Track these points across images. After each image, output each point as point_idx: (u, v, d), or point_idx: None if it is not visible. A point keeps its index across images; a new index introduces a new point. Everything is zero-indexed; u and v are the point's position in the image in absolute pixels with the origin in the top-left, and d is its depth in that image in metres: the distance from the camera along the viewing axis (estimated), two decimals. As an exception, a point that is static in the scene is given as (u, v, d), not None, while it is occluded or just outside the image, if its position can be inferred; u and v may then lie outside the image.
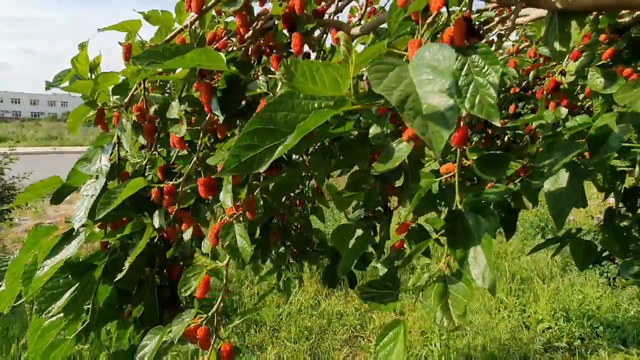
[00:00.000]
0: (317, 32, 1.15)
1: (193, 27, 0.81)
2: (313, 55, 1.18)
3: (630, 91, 0.96)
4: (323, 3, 1.11)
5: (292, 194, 1.85)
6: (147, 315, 1.12)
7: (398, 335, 0.63)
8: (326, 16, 1.08)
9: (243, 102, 0.88)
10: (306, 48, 1.07)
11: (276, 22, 0.84)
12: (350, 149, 1.12)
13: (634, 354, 3.19)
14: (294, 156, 1.64)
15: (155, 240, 1.10)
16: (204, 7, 0.79)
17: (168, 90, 1.14)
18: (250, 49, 0.94)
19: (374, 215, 1.12)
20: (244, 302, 3.67)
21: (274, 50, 0.95)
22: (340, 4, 0.97)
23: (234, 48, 0.90)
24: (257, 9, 1.01)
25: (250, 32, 0.89)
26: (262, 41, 0.85)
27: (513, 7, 0.75)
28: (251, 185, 0.73)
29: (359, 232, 0.95)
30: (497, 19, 1.45)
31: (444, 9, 0.67)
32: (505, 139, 1.90)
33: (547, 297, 3.90)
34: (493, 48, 1.96)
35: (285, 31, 0.90)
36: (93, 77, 0.92)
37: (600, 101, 1.11)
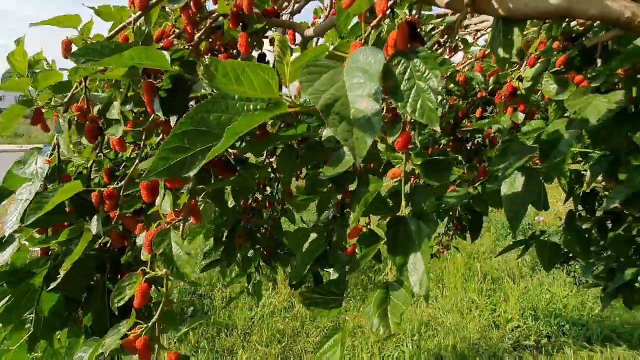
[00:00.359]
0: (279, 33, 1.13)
1: (138, 24, 0.78)
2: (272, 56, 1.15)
3: (580, 98, 0.98)
4: (284, 2, 1.09)
5: (260, 196, 1.83)
6: (97, 324, 1.08)
7: (338, 342, 0.62)
8: (285, 17, 1.07)
9: (193, 103, 0.85)
10: (266, 47, 1.05)
11: (228, 20, 0.82)
12: (315, 150, 1.10)
13: (598, 351, 3.30)
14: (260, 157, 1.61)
15: (108, 245, 1.06)
16: (149, 3, 0.76)
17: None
18: (203, 47, 0.91)
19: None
20: (215, 305, 3.60)
21: (230, 50, 0.93)
22: (296, 6, 0.96)
23: (186, 46, 0.87)
24: (212, 6, 0.99)
25: (203, 30, 0.86)
26: (211, 40, 0.83)
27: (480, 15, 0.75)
28: (193, 189, 0.70)
29: (313, 235, 0.93)
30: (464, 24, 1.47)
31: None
32: (476, 142, 1.93)
33: (516, 296, 3.99)
34: (461, 53, 1.98)
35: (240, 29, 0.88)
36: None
37: (553, 107, 1.13)
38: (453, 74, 1.89)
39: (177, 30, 0.83)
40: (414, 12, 0.76)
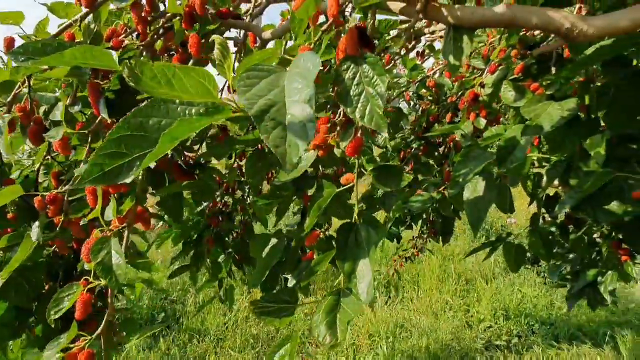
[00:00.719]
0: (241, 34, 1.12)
1: (86, 22, 0.75)
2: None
3: (536, 105, 1.01)
4: (245, 3, 1.07)
5: (231, 200, 1.80)
6: (47, 334, 1.03)
7: (288, 352, 0.61)
8: (248, 18, 1.05)
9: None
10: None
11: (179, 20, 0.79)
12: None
13: (565, 349, 3.40)
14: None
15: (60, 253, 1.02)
16: (96, 1, 0.73)
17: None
18: (159, 47, 0.89)
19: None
20: (187, 310, 3.52)
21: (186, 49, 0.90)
22: (257, 9, 0.94)
23: (138, 46, 0.84)
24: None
25: (154, 30, 0.84)
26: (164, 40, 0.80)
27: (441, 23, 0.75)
28: (139, 195, 0.68)
29: (274, 241, 0.92)
30: (426, 30, 1.49)
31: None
32: (448, 146, 1.96)
33: (489, 297, 4.08)
34: (430, 59, 2.01)
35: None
36: None
37: (512, 113, 1.16)
38: (424, 79, 1.92)
39: (129, 30, 0.80)
40: (369, 16, 0.75)
